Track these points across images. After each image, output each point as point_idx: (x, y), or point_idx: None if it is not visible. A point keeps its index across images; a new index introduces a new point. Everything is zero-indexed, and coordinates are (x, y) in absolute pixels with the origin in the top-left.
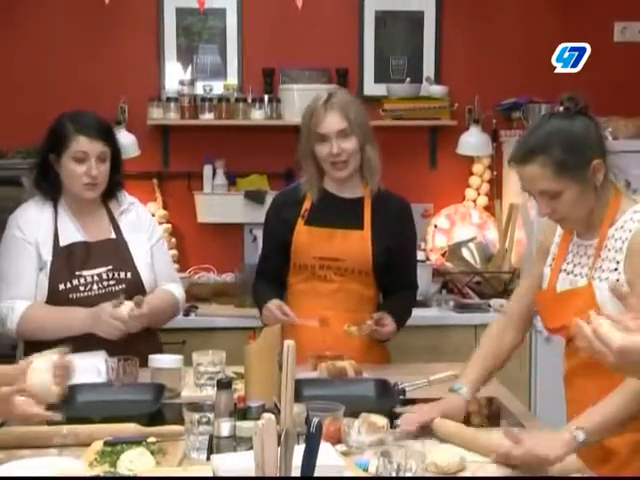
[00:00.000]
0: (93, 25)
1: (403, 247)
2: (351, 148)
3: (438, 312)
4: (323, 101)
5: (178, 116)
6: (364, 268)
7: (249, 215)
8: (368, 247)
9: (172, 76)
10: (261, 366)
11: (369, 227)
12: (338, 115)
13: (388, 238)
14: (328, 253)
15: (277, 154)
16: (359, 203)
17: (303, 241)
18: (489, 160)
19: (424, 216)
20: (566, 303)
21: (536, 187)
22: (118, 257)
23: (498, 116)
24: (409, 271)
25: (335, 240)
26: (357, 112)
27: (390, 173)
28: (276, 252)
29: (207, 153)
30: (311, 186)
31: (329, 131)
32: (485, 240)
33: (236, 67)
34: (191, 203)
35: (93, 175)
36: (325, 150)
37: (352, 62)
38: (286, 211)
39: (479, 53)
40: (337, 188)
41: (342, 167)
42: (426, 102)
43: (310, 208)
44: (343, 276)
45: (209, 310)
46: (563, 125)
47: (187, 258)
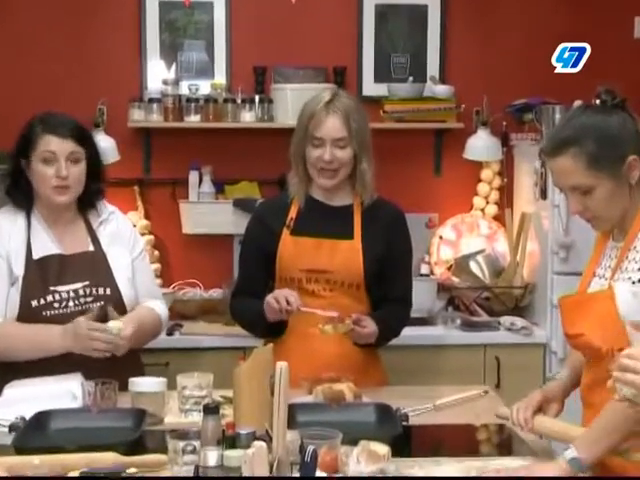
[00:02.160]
0: (68, 20)
1: (395, 258)
2: (344, 158)
3: (443, 330)
4: (325, 102)
5: (161, 118)
6: (355, 280)
7: (238, 226)
8: (359, 257)
9: (155, 75)
10: (251, 390)
11: (359, 236)
12: (339, 121)
13: (379, 248)
14: (316, 265)
15: (269, 159)
16: (348, 211)
17: (289, 252)
18: (499, 166)
19: (428, 226)
20: (585, 308)
21: (567, 181)
22: (96, 271)
23: (508, 118)
24: (401, 285)
25: (323, 250)
26: (359, 121)
27: (391, 180)
28: (259, 268)
29: (193, 158)
30: (298, 190)
31: (326, 136)
32: (495, 253)
33: (224, 65)
34: (175, 213)
35: (62, 176)
36: (316, 154)
37: (350, 60)
38: (270, 221)
39: (488, 50)
40: (325, 195)
41: (330, 176)
42: (430, 103)
43: (296, 217)
44: (332, 290)
45: (195, 329)
46: (598, 118)
47: (171, 272)
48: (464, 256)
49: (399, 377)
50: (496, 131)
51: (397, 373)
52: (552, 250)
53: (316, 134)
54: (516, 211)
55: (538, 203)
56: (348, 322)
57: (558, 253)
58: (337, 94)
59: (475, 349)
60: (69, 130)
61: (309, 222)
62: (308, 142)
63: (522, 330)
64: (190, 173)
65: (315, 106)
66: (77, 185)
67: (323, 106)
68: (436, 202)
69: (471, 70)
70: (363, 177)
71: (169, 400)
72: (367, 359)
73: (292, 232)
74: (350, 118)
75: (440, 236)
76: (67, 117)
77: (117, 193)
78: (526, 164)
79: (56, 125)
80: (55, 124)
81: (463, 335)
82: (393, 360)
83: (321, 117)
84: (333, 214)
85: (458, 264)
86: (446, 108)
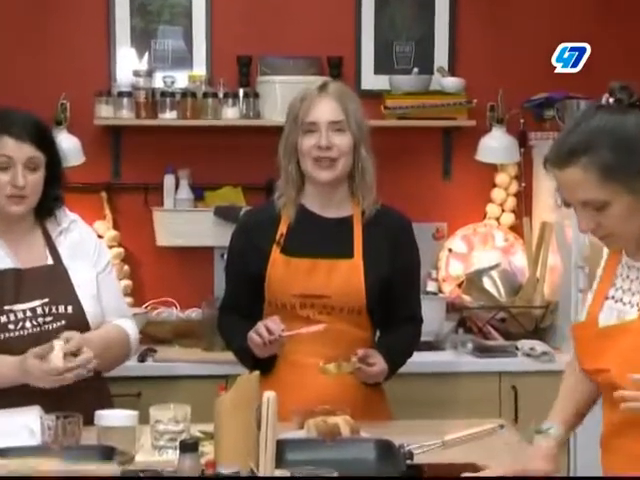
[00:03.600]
0: (27, 4)
1: (403, 276)
2: (343, 144)
3: (453, 356)
4: (318, 86)
5: (132, 115)
6: (356, 305)
7: (220, 237)
8: (359, 279)
9: (125, 65)
10: (235, 423)
11: (360, 254)
12: (334, 103)
13: (384, 266)
14: (311, 289)
15: (255, 162)
16: (347, 224)
17: (279, 275)
18: (516, 169)
19: (436, 238)
20: (610, 340)
21: (577, 196)
22: (56, 288)
23: (527, 115)
24: (411, 302)
25: (319, 272)
26: (356, 108)
27: (393, 185)
28: (247, 287)
29: (168, 161)
30: (288, 197)
31: (320, 119)
32: (511, 267)
33: (204, 54)
34: (148, 222)
35: (19, 185)
36: (311, 141)
37: (347, 49)
38: (257, 236)
39: (503, 38)
40: (319, 205)
41: (329, 165)
42: (438, 98)
43: (287, 232)
44: (330, 315)
45: (170, 354)
46: (613, 120)
47: (143, 290)
48: (476, 271)
49: (403, 409)
50: (513, 129)
51: (401, 405)
52: (577, 264)
53: (309, 119)
54: (535, 220)
55: (560, 211)
56: (354, 360)
57: (583, 268)
58: (329, 81)
59: (489, 377)
60: (28, 132)
61: (302, 238)
62: (300, 131)
63: (543, 356)
64: (165, 177)
65: (305, 92)
66: (34, 194)
67: (315, 89)
68: (445, 210)
69: (484, 60)
70: (363, 175)
71: (141, 436)
72: (368, 391)
73: (283, 250)
74: (346, 100)
75: (449, 249)
76: (26, 115)
77: (82, 200)
78: None
79: (13, 125)
80: (12, 123)
81: (475, 361)
82: (396, 390)
83: (313, 99)
84: (330, 228)
85: (470, 281)
86: (456, 103)
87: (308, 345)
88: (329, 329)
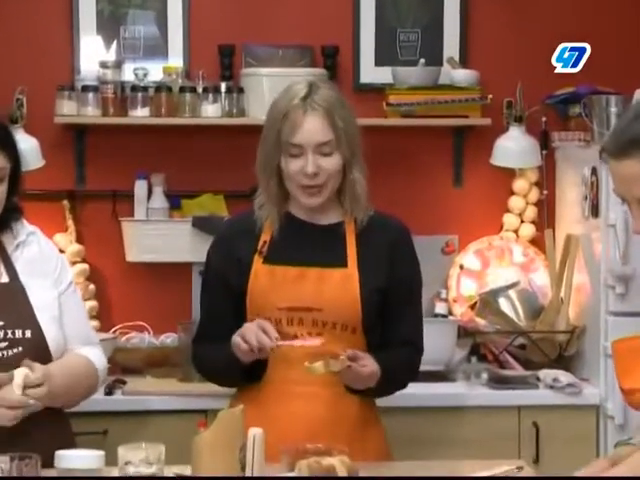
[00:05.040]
0: None
1: (401, 292)
2: (332, 168)
3: (465, 388)
4: (301, 97)
5: (99, 112)
6: (350, 321)
7: (198, 251)
8: (354, 290)
9: (90, 55)
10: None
11: (354, 262)
12: (322, 121)
13: (381, 277)
14: (299, 301)
15: (239, 166)
16: (339, 231)
17: (262, 286)
18: (537, 174)
19: (445, 252)
20: None
21: (634, 192)
22: (12, 309)
23: (549, 112)
24: (408, 324)
25: (307, 282)
26: (347, 118)
27: (397, 192)
28: (226, 306)
29: (140, 164)
30: (271, 210)
31: (306, 142)
32: (532, 287)
33: (181, 43)
34: (116, 235)
35: None
36: (296, 166)
37: (344, 37)
38: (237, 245)
39: (522, 23)
40: (308, 213)
41: (316, 192)
42: (448, 93)
43: (270, 240)
44: (321, 334)
45: (141, 386)
46: None
47: (111, 312)
48: (492, 291)
49: (407, 448)
50: (533, 129)
51: (404, 443)
52: (606, 283)
53: (293, 140)
54: (559, 233)
55: (588, 222)
56: (343, 358)
57: (614, 287)
58: (315, 85)
59: (507, 412)
60: None
61: (288, 245)
62: (283, 151)
63: (568, 388)
64: (136, 183)
65: (288, 103)
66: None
67: (299, 102)
68: (455, 221)
69: (501, 50)
70: (354, 190)
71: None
72: (364, 422)
73: (266, 260)
74: (335, 115)
75: (461, 265)
76: None
77: (40, 209)
78: (572, 172)
79: None
80: None
81: (491, 394)
82: (399, 426)
83: (297, 117)
84: (319, 235)
85: (484, 302)
86: (468, 99)
87: (297, 372)
88: (319, 351)
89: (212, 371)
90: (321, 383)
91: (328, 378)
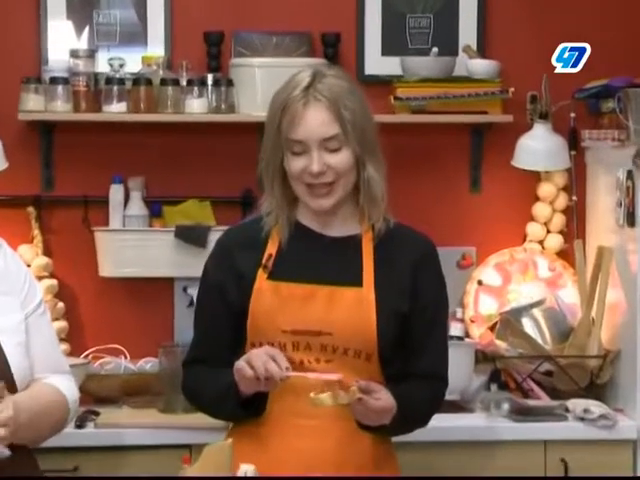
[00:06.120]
0: None
1: (424, 318)
2: (341, 165)
3: (485, 420)
4: (302, 88)
5: (69, 107)
6: (364, 347)
7: (182, 265)
8: (371, 313)
9: (59, 43)
10: None
11: (371, 281)
12: (325, 113)
13: (401, 299)
14: (306, 323)
15: (228, 168)
16: (354, 245)
17: (266, 305)
18: (565, 177)
19: (461, 266)
20: None
21: None
22: None
23: (579, 108)
24: (432, 356)
25: (317, 302)
26: (355, 107)
27: (406, 198)
28: (225, 327)
29: (116, 166)
30: (278, 218)
31: (309, 137)
32: (559, 305)
33: (162, 29)
34: (89, 246)
35: None
36: (299, 165)
37: (347, 23)
38: (239, 258)
39: (548, 7)
40: (319, 222)
41: (324, 193)
42: (464, 86)
43: (277, 253)
44: (331, 362)
45: (117, 418)
46: None
47: (83, 334)
48: (514, 310)
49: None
50: (561, 127)
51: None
52: None
53: (294, 136)
54: (590, 244)
55: (623, 232)
56: (354, 389)
57: None
58: (320, 74)
59: (531, 447)
60: None
61: (296, 260)
62: (285, 149)
63: (600, 420)
64: (111, 188)
65: (288, 95)
66: None
67: (300, 94)
68: (473, 231)
69: (524, 37)
70: (370, 188)
71: None
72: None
73: (271, 275)
74: (340, 104)
75: (479, 281)
76: None
77: (3, 217)
78: (605, 175)
79: None
80: None
81: (513, 427)
82: (412, 461)
83: (297, 110)
84: (332, 249)
85: (505, 322)
86: (487, 93)
87: (302, 402)
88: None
89: (205, 400)
90: (330, 416)
91: (338, 410)
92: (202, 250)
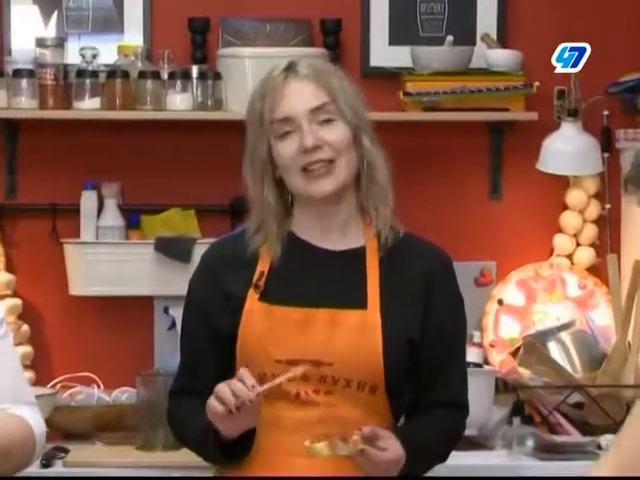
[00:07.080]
0: None
1: (439, 341)
2: (338, 138)
3: (506, 458)
4: (282, 69)
5: (35, 103)
6: (369, 378)
7: (163, 282)
8: (376, 339)
9: (24, 31)
10: None
11: (376, 303)
12: (310, 84)
13: (412, 322)
14: (302, 352)
15: (214, 173)
16: (357, 259)
17: (258, 331)
18: (597, 183)
19: (480, 283)
20: None
21: None
22: None
23: (613, 104)
24: (450, 382)
25: (315, 327)
26: (344, 85)
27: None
28: (209, 354)
29: (87, 170)
30: (269, 232)
31: (296, 110)
32: (591, 328)
33: (140, 15)
34: (57, 261)
35: None
36: (291, 147)
37: (350, 8)
38: (227, 277)
39: None
40: (316, 233)
41: (324, 172)
42: (483, 79)
43: (269, 271)
44: (331, 393)
45: (89, 455)
46: None
47: (50, 361)
48: (539, 333)
49: None
50: (593, 126)
51: None
52: None
53: (278, 114)
54: (626, 259)
55: None
56: (355, 438)
57: None
58: (297, 60)
59: None
60: None
61: (292, 279)
62: (271, 136)
63: None
64: (83, 195)
65: (266, 83)
66: None
67: (279, 74)
68: (493, 243)
69: (549, 27)
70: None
71: None
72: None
73: (263, 296)
74: (327, 76)
75: (499, 300)
76: None
77: None
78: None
79: None
80: None
81: (539, 466)
82: None
83: (277, 86)
84: (331, 265)
85: (529, 347)
86: (509, 87)
87: (294, 436)
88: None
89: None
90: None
91: None
92: (185, 265)
